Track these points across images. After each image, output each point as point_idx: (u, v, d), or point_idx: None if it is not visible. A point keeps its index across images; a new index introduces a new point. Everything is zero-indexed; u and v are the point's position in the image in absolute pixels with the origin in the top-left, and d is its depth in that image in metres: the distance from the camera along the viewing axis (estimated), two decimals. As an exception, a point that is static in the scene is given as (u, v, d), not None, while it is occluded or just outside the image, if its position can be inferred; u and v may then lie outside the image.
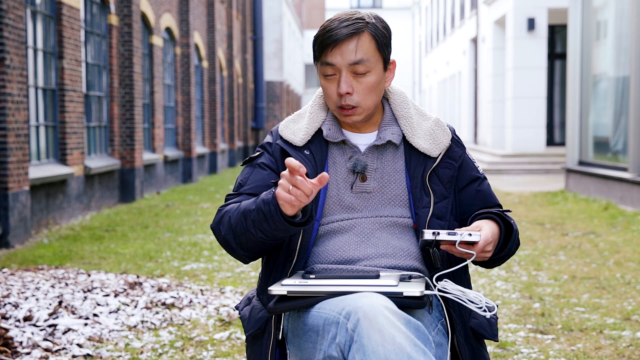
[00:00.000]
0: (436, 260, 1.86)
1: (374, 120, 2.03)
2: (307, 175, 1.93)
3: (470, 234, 1.78)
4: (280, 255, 1.96)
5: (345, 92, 1.90)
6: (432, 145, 1.99)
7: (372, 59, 1.91)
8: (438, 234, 1.78)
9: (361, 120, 1.98)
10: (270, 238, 1.83)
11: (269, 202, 1.77)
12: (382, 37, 1.93)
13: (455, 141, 2.04)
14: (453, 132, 2.05)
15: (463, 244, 1.79)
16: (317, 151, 1.99)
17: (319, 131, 2.02)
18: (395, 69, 2.01)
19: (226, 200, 2.00)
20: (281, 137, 2.03)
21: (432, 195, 1.96)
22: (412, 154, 2.00)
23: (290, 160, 1.66)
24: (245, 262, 1.98)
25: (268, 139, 2.06)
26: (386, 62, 1.95)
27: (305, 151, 1.98)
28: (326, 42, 1.90)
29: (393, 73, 2.01)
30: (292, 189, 1.69)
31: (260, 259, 2.06)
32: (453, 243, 1.80)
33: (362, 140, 2.01)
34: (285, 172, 1.69)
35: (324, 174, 1.68)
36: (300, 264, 1.94)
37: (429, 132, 2.01)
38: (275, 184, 1.86)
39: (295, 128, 2.02)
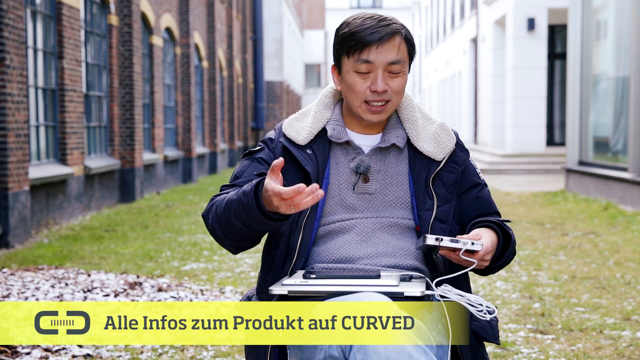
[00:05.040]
0: (439, 265, 1.87)
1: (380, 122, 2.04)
2: (308, 174, 1.94)
3: (473, 243, 1.78)
4: (280, 254, 1.97)
5: (382, 90, 1.92)
6: (436, 148, 2.00)
7: (405, 61, 1.95)
8: (441, 240, 1.78)
9: (382, 120, 1.99)
10: (250, 230, 1.85)
11: (248, 193, 1.79)
12: (412, 42, 1.97)
13: (460, 146, 2.05)
14: (457, 136, 2.06)
15: (465, 252, 1.80)
16: (319, 151, 1.99)
17: (323, 131, 2.02)
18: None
19: (220, 190, 2.01)
20: (284, 135, 2.03)
21: (436, 199, 1.97)
22: (417, 157, 2.01)
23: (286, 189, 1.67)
24: (233, 252, 1.99)
25: (271, 134, 2.07)
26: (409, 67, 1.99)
27: (307, 150, 1.99)
28: (368, 39, 1.90)
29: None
30: (294, 207, 1.70)
31: (260, 258, 2.06)
32: (454, 250, 1.80)
33: (366, 141, 2.02)
34: (282, 194, 1.68)
35: (321, 191, 1.69)
36: (300, 262, 1.94)
37: (434, 135, 2.02)
38: (257, 176, 1.86)
39: (299, 127, 2.03)
